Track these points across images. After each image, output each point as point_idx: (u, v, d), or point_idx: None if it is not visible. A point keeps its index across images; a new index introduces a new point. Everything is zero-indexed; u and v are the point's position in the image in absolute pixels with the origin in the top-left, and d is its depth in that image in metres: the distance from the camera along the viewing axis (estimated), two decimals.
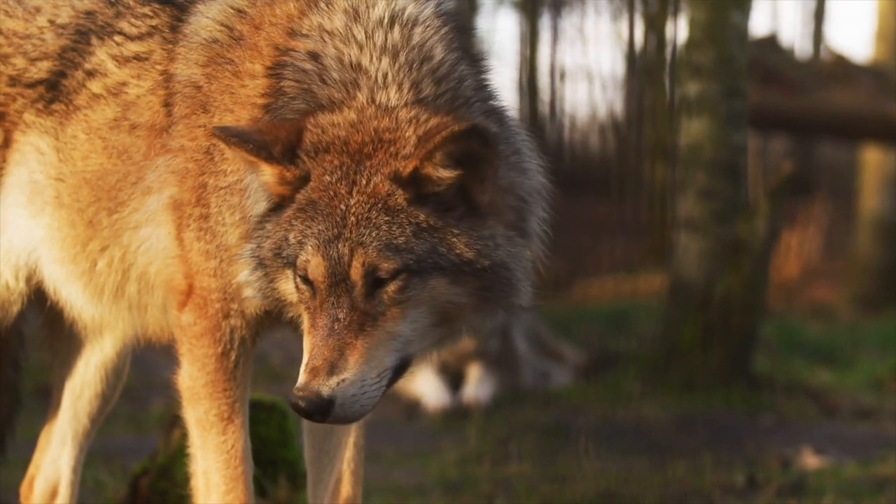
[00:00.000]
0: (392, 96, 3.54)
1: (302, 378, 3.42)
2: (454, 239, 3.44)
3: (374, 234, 3.41)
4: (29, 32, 4.15)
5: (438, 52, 3.61)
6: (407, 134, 3.48)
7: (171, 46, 3.94)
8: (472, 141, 3.39)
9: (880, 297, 13.54)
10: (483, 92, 3.67)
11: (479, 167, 3.44)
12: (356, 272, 3.41)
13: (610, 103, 17.51)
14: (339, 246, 3.42)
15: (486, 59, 3.81)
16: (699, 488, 6.19)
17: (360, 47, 3.60)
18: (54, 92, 4.09)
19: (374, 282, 3.42)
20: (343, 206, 3.44)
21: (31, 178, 4.10)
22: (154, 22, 4.02)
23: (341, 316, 3.43)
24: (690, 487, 6.21)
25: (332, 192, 3.46)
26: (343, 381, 3.40)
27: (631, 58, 16.95)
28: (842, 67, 12.15)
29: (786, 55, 12.70)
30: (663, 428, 7.54)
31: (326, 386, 3.40)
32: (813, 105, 11.94)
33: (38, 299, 4.28)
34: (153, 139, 3.90)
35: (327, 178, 3.48)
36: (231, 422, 3.85)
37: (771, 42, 12.40)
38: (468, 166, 3.43)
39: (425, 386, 8.89)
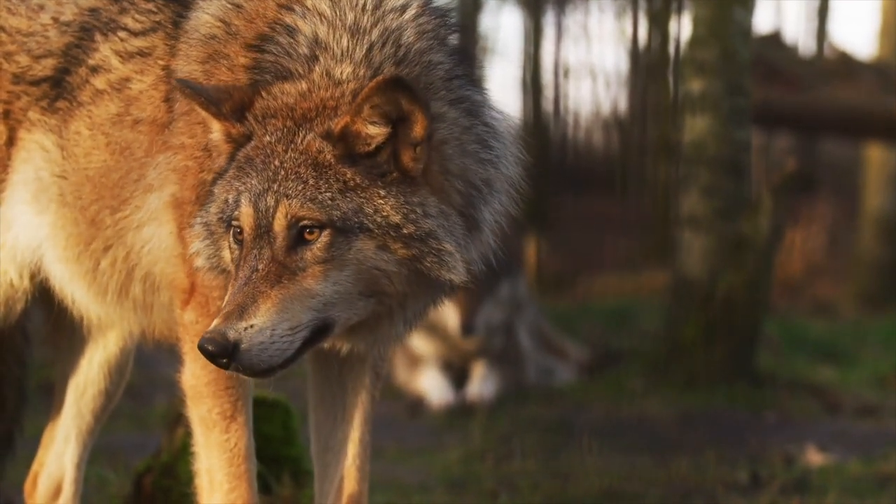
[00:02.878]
0: (346, 70, 3.59)
1: (213, 323, 3.44)
2: (381, 201, 3.47)
3: (299, 188, 3.46)
4: (32, 30, 4.15)
5: (408, 38, 3.66)
6: (347, 100, 3.53)
7: (173, 42, 3.96)
8: (397, 92, 3.44)
9: (884, 294, 13.54)
10: (455, 82, 3.70)
11: (409, 128, 3.48)
12: (279, 223, 3.46)
13: (613, 100, 17.51)
14: (267, 198, 3.47)
15: (471, 54, 3.84)
16: (702, 485, 6.19)
17: (330, 25, 3.65)
18: (58, 89, 4.09)
19: (298, 237, 3.46)
20: (277, 163, 3.50)
21: (36, 175, 4.10)
22: (158, 17, 4.03)
23: (260, 266, 3.46)
24: (693, 485, 6.21)
25: (268, 151, 3.53)
26: (251, 326, 3.41)
27: (634, 55, 16.95)
28: (845, 64, 12.12)
29: (789, 52, 12.68)
30: (666, 425, 7.54)
31: (233, 329, 3.40)
32: (816, 102, 11.92)
33: (43, 296, 4.29)
34: (155, 135, 3.91)
35: (267, 138, 3.54)
36: (234, 420, 3.86)
37: (774, 39, 12.37)
38: (397, 125, 3.47)
39: (429, 383, 8.89)
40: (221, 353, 3.40)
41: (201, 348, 3.41)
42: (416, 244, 3.48)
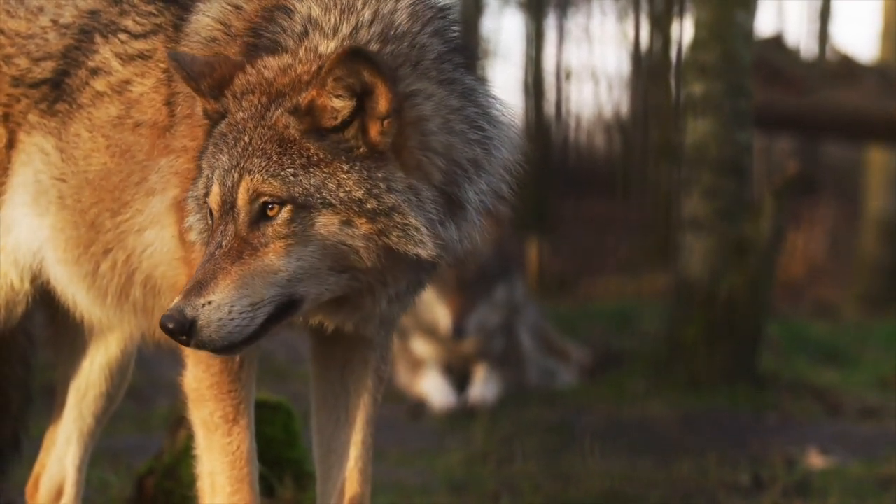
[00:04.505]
0: (330, 46, 3.59)
1: (174, 300, 3.44)
2: (344, 175, 3.46)
3: (262, 164, 3.46)
4: (32, 32, 4.15)
5: (400, 20, 3.65)
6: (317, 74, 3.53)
7: (174, 45, 3.95)
8: (358, 63, 3.42)
9: (885, 296, 13.54)
10: (447, 65, 3.68)
11: (374, 102, 3.46)
12: (241, 198, 3.45)
13: (615, 103, 17.53)
14: (234, 174, 3.48)
15: (468, 45, 3.83)
16: (704, 487, 6.19)
17: (325, 6, 3.65)
18: (58, 92, 4.09)
19: (260, 212, 3.45)
20: (246, 139, 3.50)
21: (35, 178, 4.10)
22: (158, 20, 4.03)
23: (224, 243, 3.45)
24: (695, 486, 6.21)
25: (240, 127, 3.52)
26: (209, 303, 3.40)
27: (636, 58, 16.96)
28: (847, 67, 12.13)
29: (791, 55, 12.68)
30: (668, 427, 7.54)
31: (191, 306, 3.39)
32: (818, 104, 11.92)
33: (45, 298, 4.29)
34: (156, 138, 3.91)
35: (241, 114, 3.54)
36: (236, 423, 3.85)
37: (776, 41, 12.37)
38: (363, 99, 3.46)
39: (431, 385, 8.89)
40: (179, 329, 3.40)
41: (161, 326, 3.41)
42: (381, 219, 3.46)
